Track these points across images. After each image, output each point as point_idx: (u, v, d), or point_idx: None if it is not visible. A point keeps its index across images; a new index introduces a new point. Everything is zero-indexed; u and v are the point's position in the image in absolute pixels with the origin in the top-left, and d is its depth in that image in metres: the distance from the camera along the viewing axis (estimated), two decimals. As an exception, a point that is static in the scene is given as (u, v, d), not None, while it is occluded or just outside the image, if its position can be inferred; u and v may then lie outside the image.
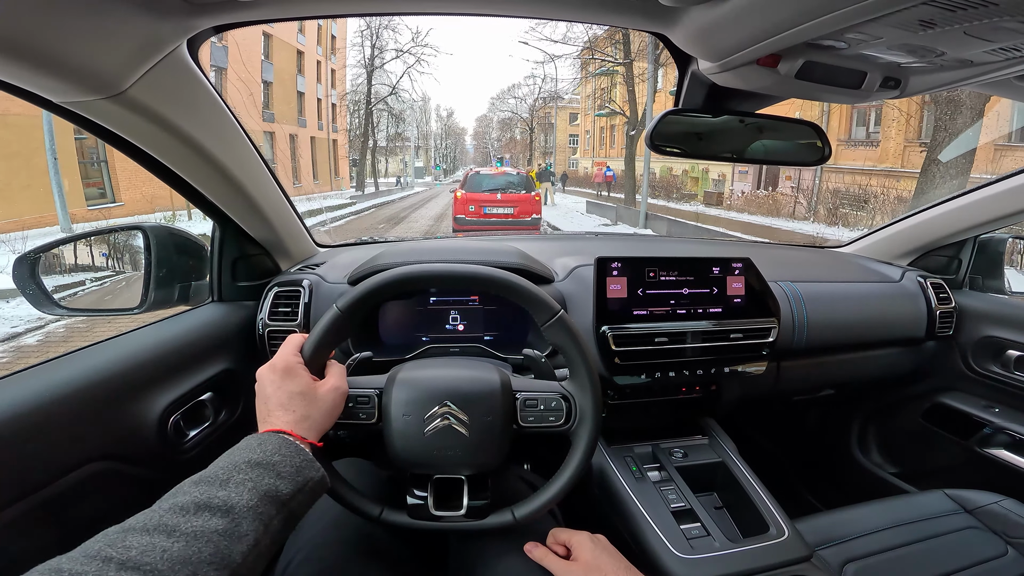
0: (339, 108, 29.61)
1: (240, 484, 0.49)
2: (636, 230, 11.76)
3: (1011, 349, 1.29)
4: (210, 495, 0.48)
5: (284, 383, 0.62)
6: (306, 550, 0.70)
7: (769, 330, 1.05)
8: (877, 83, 0.68)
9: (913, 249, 1.48)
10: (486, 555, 0.72)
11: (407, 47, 27.89)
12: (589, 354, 0.72)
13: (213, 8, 0.60)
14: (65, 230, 7.98)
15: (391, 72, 30.32)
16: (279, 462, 0.53)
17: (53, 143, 8.14)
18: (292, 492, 0.52)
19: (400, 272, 0.70)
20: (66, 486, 0.69)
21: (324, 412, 0.62)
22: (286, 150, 21.86)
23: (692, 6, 0.59)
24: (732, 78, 0.72)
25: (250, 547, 0.46)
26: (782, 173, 15.92)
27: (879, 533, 0.98)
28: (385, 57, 27.92)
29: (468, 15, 0.68)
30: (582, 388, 0.72)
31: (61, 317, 4.21)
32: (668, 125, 0.89)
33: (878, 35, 0.54)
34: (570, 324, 0.72)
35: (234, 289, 1.11)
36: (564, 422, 0.71)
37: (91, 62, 0.57)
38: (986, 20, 0.47)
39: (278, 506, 0.51)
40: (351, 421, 0.69)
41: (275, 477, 0.52)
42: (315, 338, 0.67)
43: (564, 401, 0.71)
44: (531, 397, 0.72)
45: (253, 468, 0.51)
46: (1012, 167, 1.18)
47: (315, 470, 0.56)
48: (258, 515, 0.48)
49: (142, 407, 0.82)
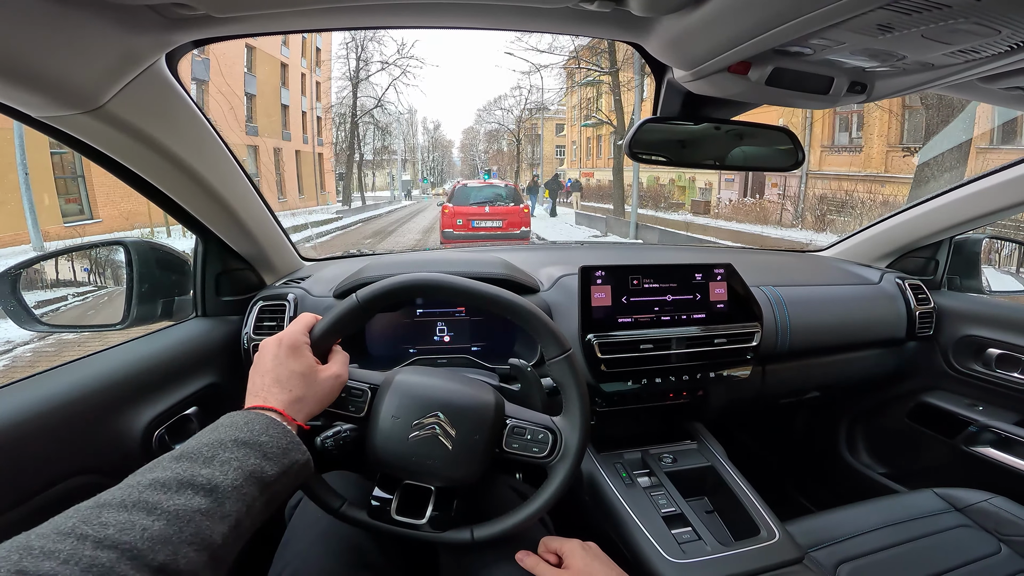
0: (324, 121, 29.01)
1: (225, 463, 0.48)
2: (627, 240, 11.75)
3: (991, 347, 1.31)
4: (193, 472, 0.46)
5: (287, 360, 0.61)
6: (294, 564, 0.69)
7: (753, 334, 1.06)
8: (844, 88, 0.70)
9: (891, 251, 1.51)
10: (477, 567, 0.71)
11: (392, 59, 27.60)
12: (586, 396, 0.72)
13: (191, 23, 0.60)
14: (37, 249, 7.79)
15: (376, 84, 29.77)
16: (266, 443, 0.52)
17: (24, 158, 7.96)
18: (277, 474, 0.51)
19: (427, 278, 0.70)
20: (48, 500, 0.68)
21: (319, 397, 0.61)
22: (270, 164, 21.46)
23: (663, 16, 0.61)
24: (706, 86, 0.74)
25: (231, 528, 0.45)
26: (768, 180, 15.91)
27: (871, 533, 0.98)
28: (371, 69, 27.42)
29: (447, 28, 0.69)
30: (572, 426, 0.72)
31: (42, 334, 4.14)
32: (647, 133, 0.91)
33: (840, 40, 0.55)
34: (577, 364, 0.72)
35: (218, 304, 1.10)
36: (547, 455, 0.71)
37: (68, 77, 0.57)
38: (941, 23, 0.49)
39: (262, 487, 0.49)
40: (338, 411, 0.68)
41: (261, 458, 0.50)
42: (328, 322, 0.67)
43: (551, 435, 0.71)
44: (520, 425, 0.71)
45: (239, 447, 0.50)
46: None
47: (301, 453, 0.55)
48: (242, 496, 0.47)
49: (126, 421, 0.81)
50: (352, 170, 27.82)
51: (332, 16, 0.65)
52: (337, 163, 28.84)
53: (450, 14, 0.66)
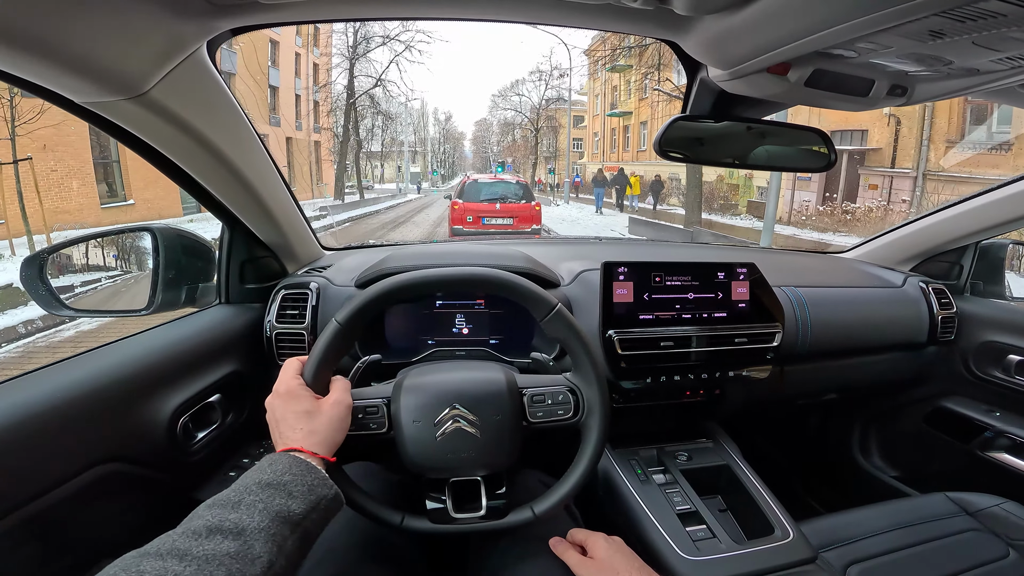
0: (323, 106, 25.40)
1: (251, 506, 0.50)
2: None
3: (1012, 354, 1.30)
4: (222, 518, 0.48)
5: (288, 405, 0.63)
6: (318, 554, 0.70)
7: (773, 335, 1.06)
8: (884, 91, 0.69)
9: (915, 255, 1.50)
10: (507, 560, 0.72)
11: (395, 34, 23.05)
12: (591, 344, 0.72)
13: (235, 10, 0.60)
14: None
15: (377, 62, 26.33)
16: (290, 482, 0.54)
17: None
18: (305, 511, 0.53)
19: (398, 280, 0.71)
20: (77, 487, 0.69)
21: (330, 426, 0.62)
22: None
23: (705, 15, 0.60)
24: (742, 85, 0.73)
25: (264, 569, 0.46)
26: (864, 181, 12.93)
27: (882, 535, 0.98)
28: (371, 45, 23.06)
29: (487, 20, 0.69)
30: (587, 379, 0.72)
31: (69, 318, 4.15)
32: (676, 131, 0.90)
33: (888, 45, 0.55)
34: (568, 317, 0.72)
35: (241, 291, 1.11)
36: (573, 415, 0.72)
37: (117, 62, 0.58)
38: (994, 30, 0.48)
39: (292, 526, 0.51)
40: (362, 432, 0.69)
41: (287, 497, 0.52)
42: (315, 358, 0.67)
43: (571, 394, 0.72)
44: (538, 393, 0.72)
45: (264, 489, 0.52)
46: None
47: (327, 487, 0.56)
48: (270, 536, 0.48)
49: (152, 409, 0.82)
50: (346, 158, 24.22)
51: (375, 5, 0.65)
52: (342, 153, 25.06)
53: (491, 6, 0.66)
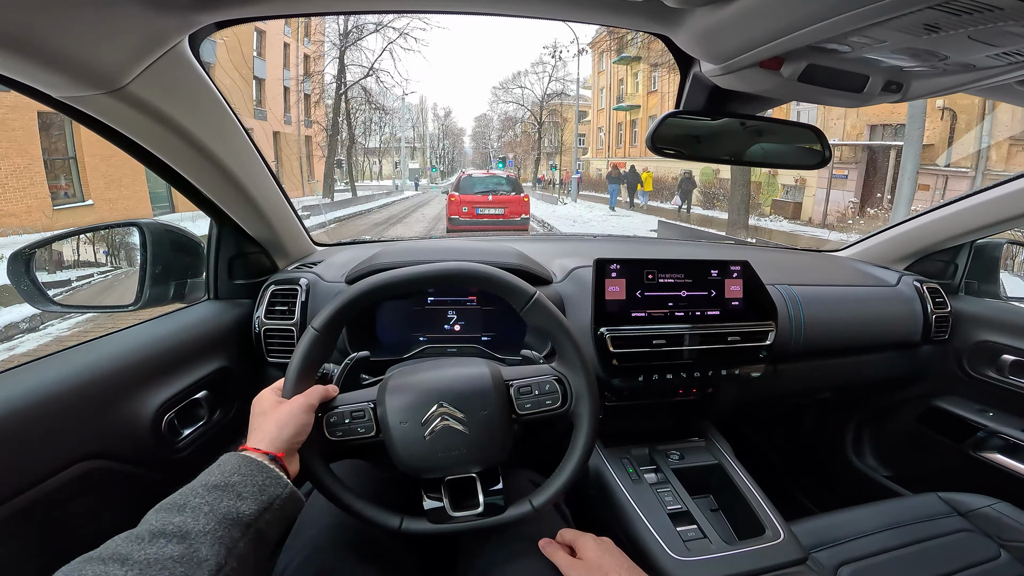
0: (313, 99, 23.74)
1: (196, 508, 0.49)
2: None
3: (1006, 354, 1.30)
4: (166, 522, 0.47)
5: (253, 412, 0.64)
6: (304, 552, 0.69)
7: (766, 333, 1.05)
8: (879, 87, 0.68)
9: (910, 254, 1.49)
10: (496, 559, 0.71)
11: (389, 20, 21.54)
12: (572, 331, 0.72)
13: (217, 3, 0.59)
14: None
15: (370, 50, 24.57)
16: (239, 482, 0.52)
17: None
18: (257, 511, 0.52)
19: (374, 281, 0.70)
20: (58, 484, 0.68)
21: (277, 423, 0.61)
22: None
23: (696, 8, 0.59)
24: (734, 80, 0.72)
25: (213, 572, 0.45)
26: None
27: (873, 536, 0.98)
28: (364, 32, 21.26)
29: (480, 14, 0.68)
30: (572, 367, 0.71)
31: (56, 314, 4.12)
32: (670, 127, 0.89)
33: (882, 39, 0.54)
34: (547, 305, 0.71)
35: (230, 287, 1.10)
36: (561, 404, 0.71)
37: (93, 56, 0.57)
38: (990, 24, 0.47)
39: (242, 528, 0.50)
40: (351, 438, 0.68)
41: (235, 498, 0.51)
42: (294, 371, 0.66)
43: (558, 383, 0.71)
44: (524, 384, 0.71)
45: (211, 491, 0.51)
46: None
47: (281, 486, 0.55)
48: (217, 539, 0.47)
49: (136, 405, 0.81)
50: (335, 154, 22.18)
51: None
52: (339, 149, 22.96)
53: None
